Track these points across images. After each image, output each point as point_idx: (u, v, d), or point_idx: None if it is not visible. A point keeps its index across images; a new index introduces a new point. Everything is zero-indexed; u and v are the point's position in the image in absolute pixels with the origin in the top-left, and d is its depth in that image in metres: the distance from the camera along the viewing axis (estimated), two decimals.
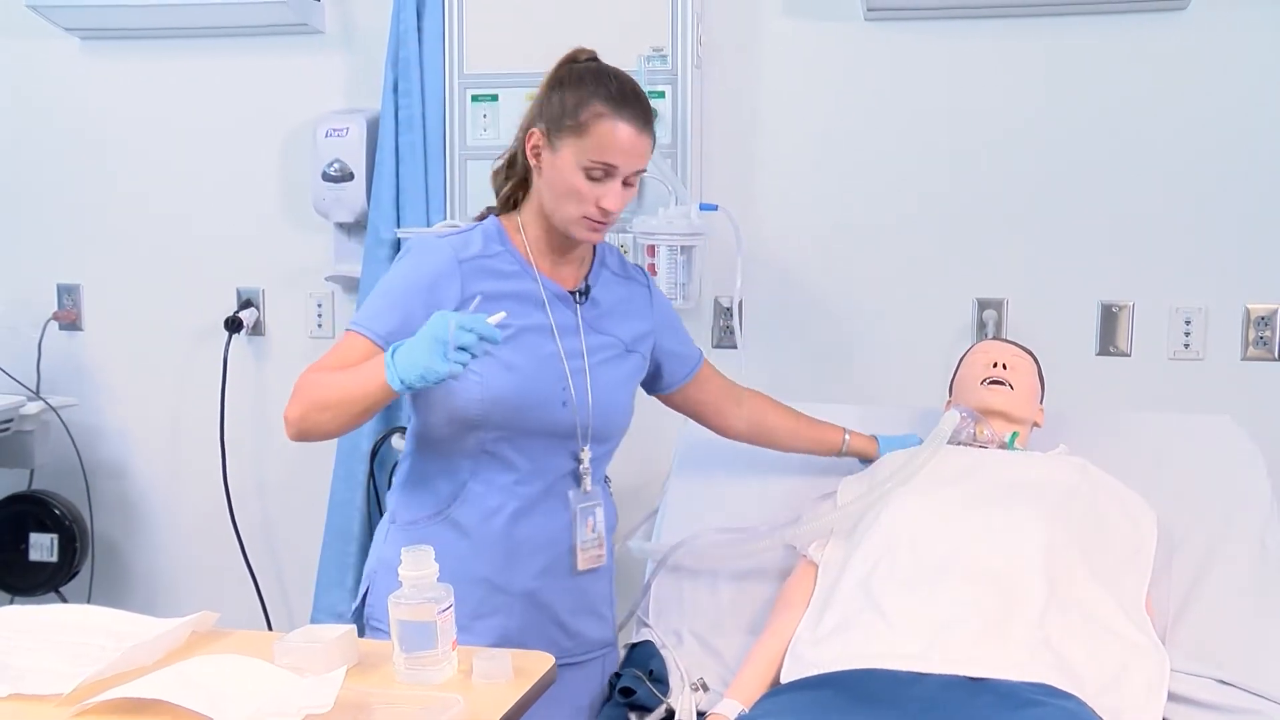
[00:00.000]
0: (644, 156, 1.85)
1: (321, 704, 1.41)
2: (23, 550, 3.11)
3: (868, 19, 2.63)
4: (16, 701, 1.50)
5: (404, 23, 2.73)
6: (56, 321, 3.13)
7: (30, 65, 3.10)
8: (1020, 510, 1.96)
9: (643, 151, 1.85)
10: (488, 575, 1.87)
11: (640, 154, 1.84)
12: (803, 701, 1.73)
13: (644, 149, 1.85)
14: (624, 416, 2.00)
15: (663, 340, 2.04)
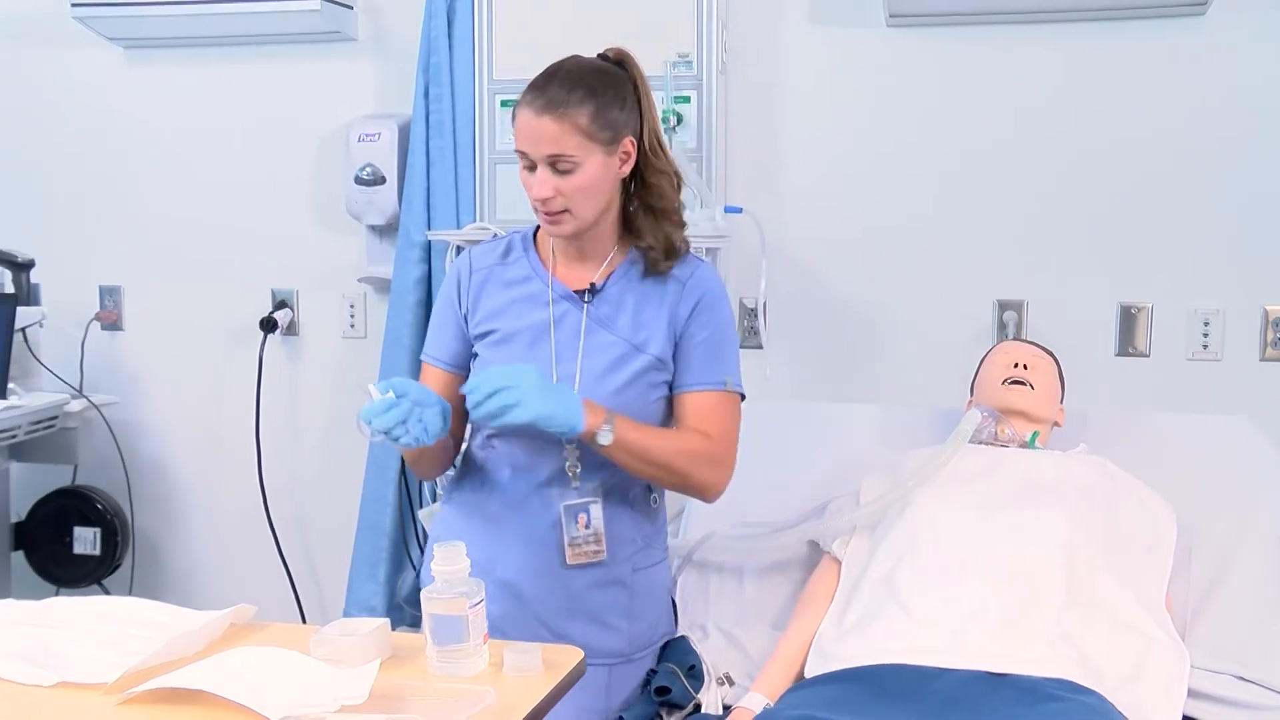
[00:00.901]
0: (549, 139, 1.77)
1: (357, 695, 1.42)
2: (67, 543, 3.13)
3: (889, 25, 2.62)
4: (64, 690, 1.52)
5: (435, 30, 2.73)
6: (99, 322, 3.15)
7: (76, 74, 3.13)
8: (1041, 508, 1.96)
9: (546, 135, 1.77)
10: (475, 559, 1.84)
11: (543, 137, 1.78)
12: (827, 695, 1.73)
13: (546, 132, 1.77)
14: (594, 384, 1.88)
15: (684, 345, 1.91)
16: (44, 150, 3.18)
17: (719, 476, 1.92)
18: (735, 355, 1.96)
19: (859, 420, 2.41)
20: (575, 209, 1.82)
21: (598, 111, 1.78)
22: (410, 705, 1.43)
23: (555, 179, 1.79)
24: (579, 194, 1.81)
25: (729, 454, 1.92)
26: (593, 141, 1.79)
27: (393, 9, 2.92)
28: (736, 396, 1.95)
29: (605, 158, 1.81)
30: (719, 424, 1.90)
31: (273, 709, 1.40)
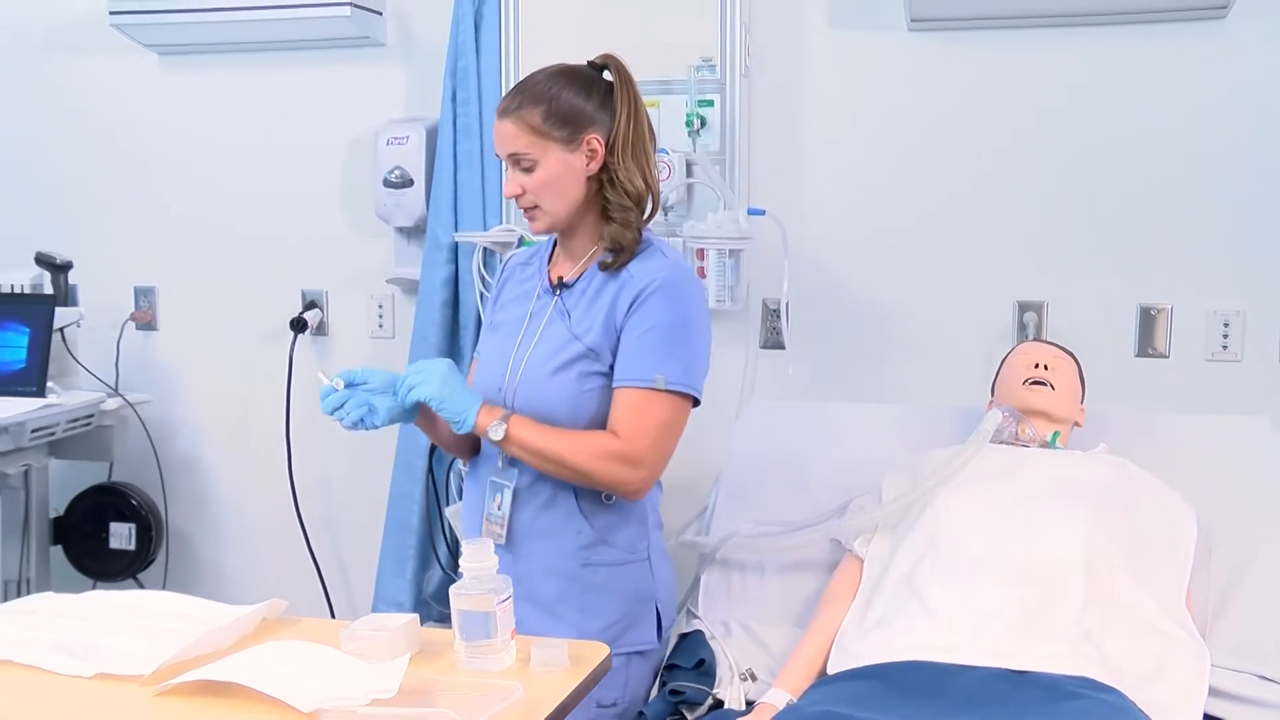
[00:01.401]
0: (508, 140, 1.88)
1: (387, 689, 1.43)
2: (103, 538, 3.15)
3: (911, 29, 2.62)
4: (103, 681, 1.54)
5: (462, 35, 2.74)
6: (134, 322, 3.17)
7: (113, 81, 3.15)
8: (1061, 507, 1.95)
9: (504, 135, 1.88)
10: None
11: (503, 138, 1.89)
12: (849, 692, 1.72)
13: (505, 133, 1.88)
14: (550, 402, 1.90)
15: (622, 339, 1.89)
16: (82, 154, 3.20)
17: (631, 475, 1.87)
18: (686, 354, 1.90)
19: (880, 420, 2.40)
20: (543, 204, 1.89)
21: (552, 110, 1.86)
22: (439, 699, 1.44)
23: (521, 177, 1.89)
24: (542, 189, 1.88)
25: (644, 453, 1.87)
26: (547, 139, 1.86)
27: (421, 15, 2.93)
28: (670, 396, 1.87)
29: (565, 154, 1.87)
30: (637, 423, 1.86)
31: (305, 702, 1.42)
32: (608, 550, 1.95)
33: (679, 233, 2.58)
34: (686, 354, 1.89)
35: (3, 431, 2.68)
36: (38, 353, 2.83)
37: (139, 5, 2.93)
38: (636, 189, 1.91)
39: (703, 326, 1.94)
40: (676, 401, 1.89)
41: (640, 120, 1.93)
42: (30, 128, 3.23)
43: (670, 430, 1.90)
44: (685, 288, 1.92)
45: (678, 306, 1.89)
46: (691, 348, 1.90)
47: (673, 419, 1.90)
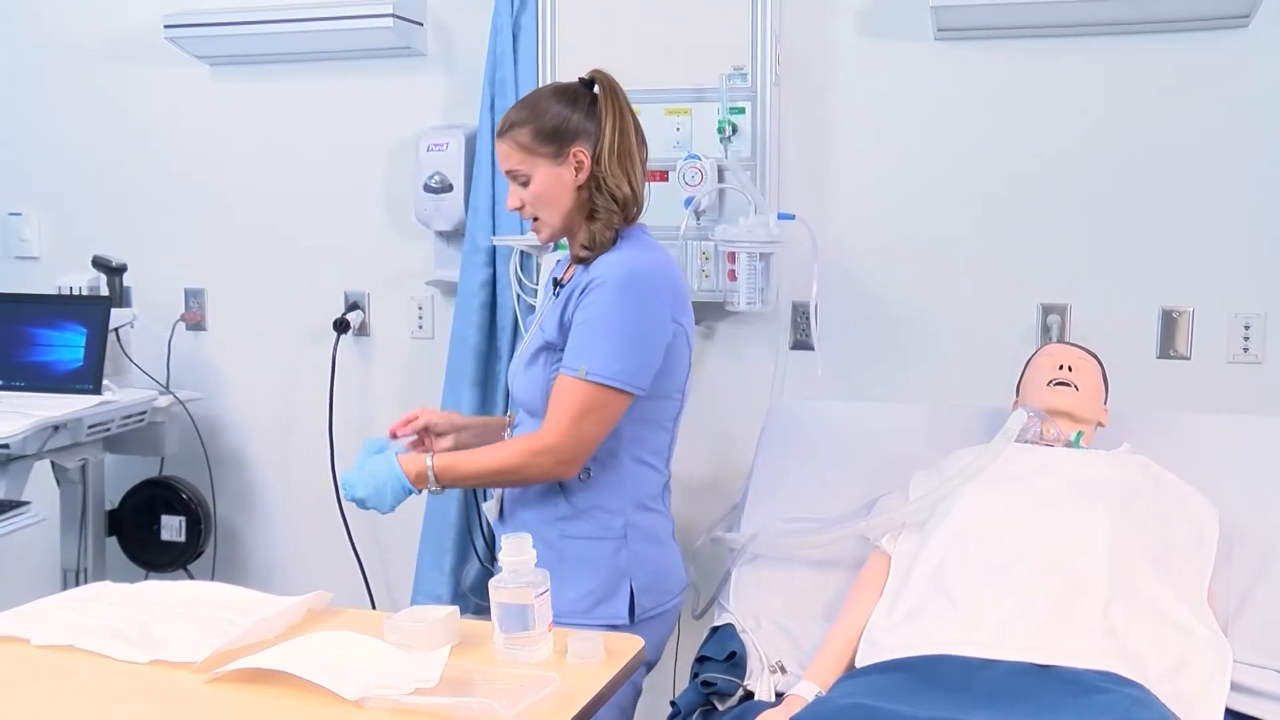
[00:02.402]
0: (503, 158, 2.01)
1: (428, 678, 1.43)
2: (155, 530, 3.17)
3: (937, 39, 2.60)
4: (158, 667, 1.55)
5: (500, 45, 2.74)
6: (184, 323, 3.19)
7: (166, 91, 3.17)
8: (1085, 506, 1.93)
9: (501, 155, 2.01)
10: None
11: (500, 157, 2.02)
12: (878, 684, 1.72)
13: (501, 152, 2.01)
14: (527, 392, 2.02)
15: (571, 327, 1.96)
16: (136, 162, 3.23)
17: (553, 464, 1.93)
18: (617, 344, 1.91)
19: (907, 420, 2.39)
20: (542, 215, 2.00)
21: (539, 128, 1.97)
22: (479, 689, 1.45)
23: (519, 191, 2.00)
24: (537, 201, 1.99)
25: (557, 441, 1.91)
26: (536, 155, 1.97)
27: (461, 26, 2.93)
28: (593, 386, 1.90)
29: (553, 168, 1.97)
30: (556, 410, 1.92)
31: (350, 690, 1.42)
32: (582, 525, 2.01)
33: (711, 236, 2.58)
34: (615, 346, 1.90)
35: (62, 428, 2.70)
36: (94, 352, 2.85)
37: (192, 19, 2.95)
38: (623, 193, 1.99)
39: (643, 322, 1.93)
40: (599, 391, 1.90)
41: (627, 130, 2.00)
42: (88, 137, 3.26)
43: (589, 418, 1.92)
44: (635, 282, 1.93)
45: (618, 300, 1.91)
46: (626, 342, 1.91)
47: (593, 408, 1.91)
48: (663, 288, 1.97)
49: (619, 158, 1.99)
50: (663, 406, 2.04)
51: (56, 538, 3.03)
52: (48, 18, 3.25)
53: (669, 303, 1.98)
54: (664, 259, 2.03)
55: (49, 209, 3.32)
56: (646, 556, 2.03)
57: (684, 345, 2.03)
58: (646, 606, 2.02)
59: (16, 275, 3.30)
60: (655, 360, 1.95)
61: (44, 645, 1.62)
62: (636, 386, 1.93)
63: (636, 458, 2.03)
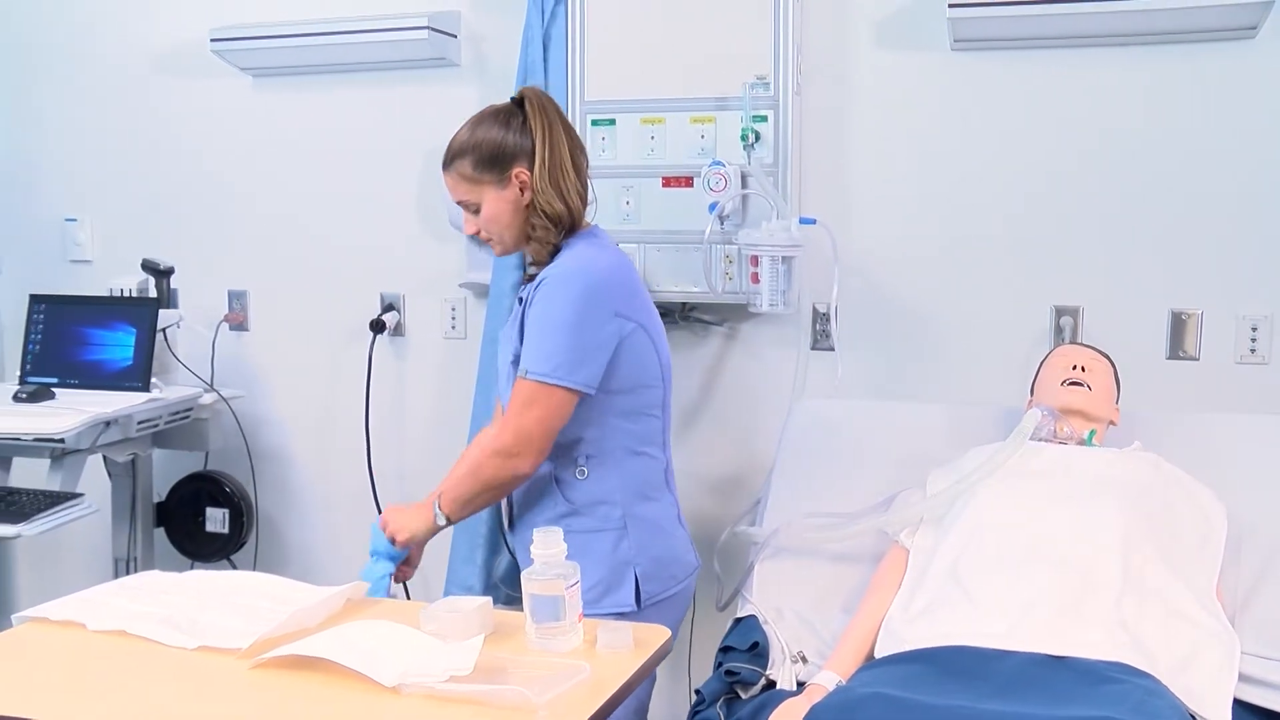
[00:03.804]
0: (451, 189, 2.03)
1: (463, 667, 1.43)
2: (200, 522, 3.19)
3: (954, 49, 2.59)
4: (204, 653, 1.56)
5: (531, 56, 2.74)
6: (227, 323, 3.21)
7: (211, 101, 3.19)
8: (1098, 502, 1.92)
9: (449, 186, 2.04)
10: None
11: (448, 187, 2.04)
12: (896, 674, 1.71)
13: (448, 183, 2.04)
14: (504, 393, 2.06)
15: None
16: (183, 169, 3.25)
17: (513, 465, 1.94)
18: (559, 343, 1.91)
19: (924, 418, 2.38)
20: (496, 237, 2.03)
21: (479, 157, 1.99)
22: (511, 677, 1.45)
23: (473, 218, 2.03)
24: (490, 225, 2.01)
25: (509, 440, 1.93)
26: (481, 183, 1.99)
27: (493, 37, 2.93)
28: (531, 383, 1.92)
29: (499, 192, 1.99)
30: (512, 412, 1.95)
31: (387, 677, 1.43)
32: (581, 520, 2.01)
33: (734, 240, 2.57)
34: (552, 344, 1.92)
35: (113, 423, 2.72)
36: (143, 351, 2.87)
37: (236, 33, 2.97)
38: (556, 211, 1.98)
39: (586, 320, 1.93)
40: (536, 388, 1.92)
41: (557, 145, 1.99)
42: (139, 146, 3.28)
43: (529, 413, 1.92)
44: (572, 282, 1.94)
45: (552, 301, 1.93)
46: (568, 340, 1.91)
47: (536, 403, 1.92)
48: (605, 285, 1.96)
49: (550, 175, 1.98)
50: (643, 396, 2.03)
51: (108, 528, 3.05)
52: (101, 34, 3.28)
53: (612, 300, 1.96)
54: (612, 258, 2.02)
55: (102, 214, 3.34)
56: (648, 544, 2.03)
57: (643, 339, 2.01)
58: (653, 592, 2.03)
59: (71, 278, 3.33)
60: (599, 356, 1.94)
61: (99, 630, 1.63)
62: (577, 383, 1.92)
63: (630, 449, 2.03)
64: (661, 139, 2.66)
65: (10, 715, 1.39)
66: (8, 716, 1.38)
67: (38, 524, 2.53)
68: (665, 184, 2.67)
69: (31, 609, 1.71)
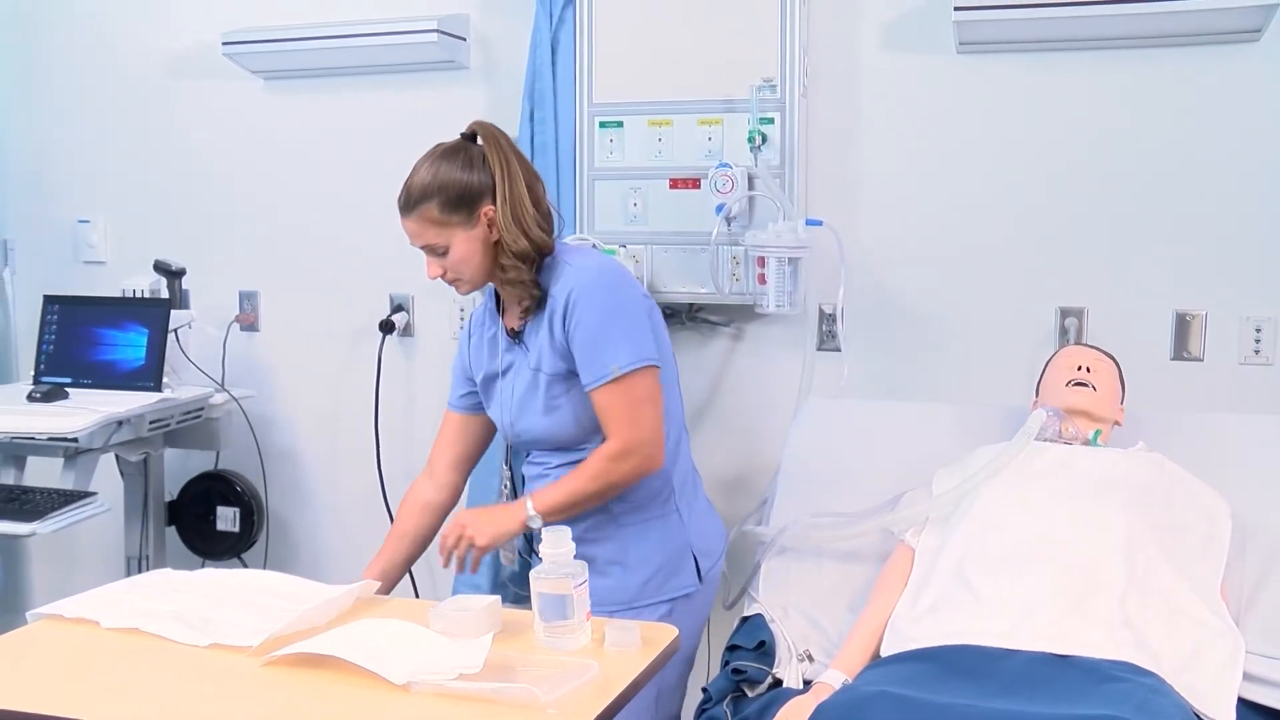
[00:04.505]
0: (416, 235, 1.97)
1: (472, 665, 1.44)
2: (211, 520, 3.20)
3: (959, 51, 2.59)
4: (216, 650, 1.57)
5: (539, 59, 2.75)
6: (238, 324, 3.21)
7: (222, 104, 3.19)
8: (1103, 502, 1.92)
9: (412, 232, 1.97)
10: None
11: (412, 234, 1.98)
12: (902, 673, 1.71)
13: (411, 230, 1.97)
14: (557, 428, 2.02)
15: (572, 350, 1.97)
16: (195, 171, 3.25)
17: (635, 464, 1.96)
18: (622, 332, 1.95)
19: (930, 418, 2.37)
20: (464, 277, 1.98)
21: (445, 200, 1.93)
22: (520, 675, 1.45)
23: (439, 260, 1.97)
24: (459, 265, 1.96)
25: (632, 437, 1.94)
26: (449, 227, 1.94)
27: (501, 40, 2.94)
28: (628, 378, 1.94)
29: (468, 232, 1.94)
30: (615, 415, 1.94)
31: (397, 674, 1.43)
32: (635, 512, 2.03)
33: (741, 241, 2.57)
34: (623, 335, 1.95)
35: (125, 423, 2.73)
36: (155, 351, 2.88)
37: (248, 36, 2.98)
38: (521, 248, 1.96)
39: (624, 304, 1.98)
40: (637, 377, 1.94)
41: (514, 179, 1.98)
42: (151, 148, 3.28)
43: (644, 403, 1.96)
44: (599, 282, 1.98)
45: (597, 301, 1.95)
46: (625, 327, 1.95)
47: (642, 393, 1.95)
48: (617, 272, 2.03)
49: (513, 213, 1.96)
50: (669, 369, 2.08)
51: (120, 527, 3.06)
52: (113, 38, 3.28)
53: (628, 280, 2.03)
54: (600, 255, 2.10)
55: (115, 216, 3.35)
56: (696, 517, 2.10)
57: (656, 314, 2.08)
58: (707, 567, 2.09)
59: (85, 278, 3.34)
60: (649, 329, 2.00)
61: (112, 628, 1.64)
62: (652, 356, 1.97)
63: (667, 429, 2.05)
64: (669, 141, 2.66)
65: (25, 711, 1.39)
66: (23, 712, 1.39)
67: (51, 522, 2.54)
68: (672, 185, 2.67)
69: (46, 606, 1.72)
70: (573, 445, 2.03)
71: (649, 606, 2.02)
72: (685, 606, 2.07)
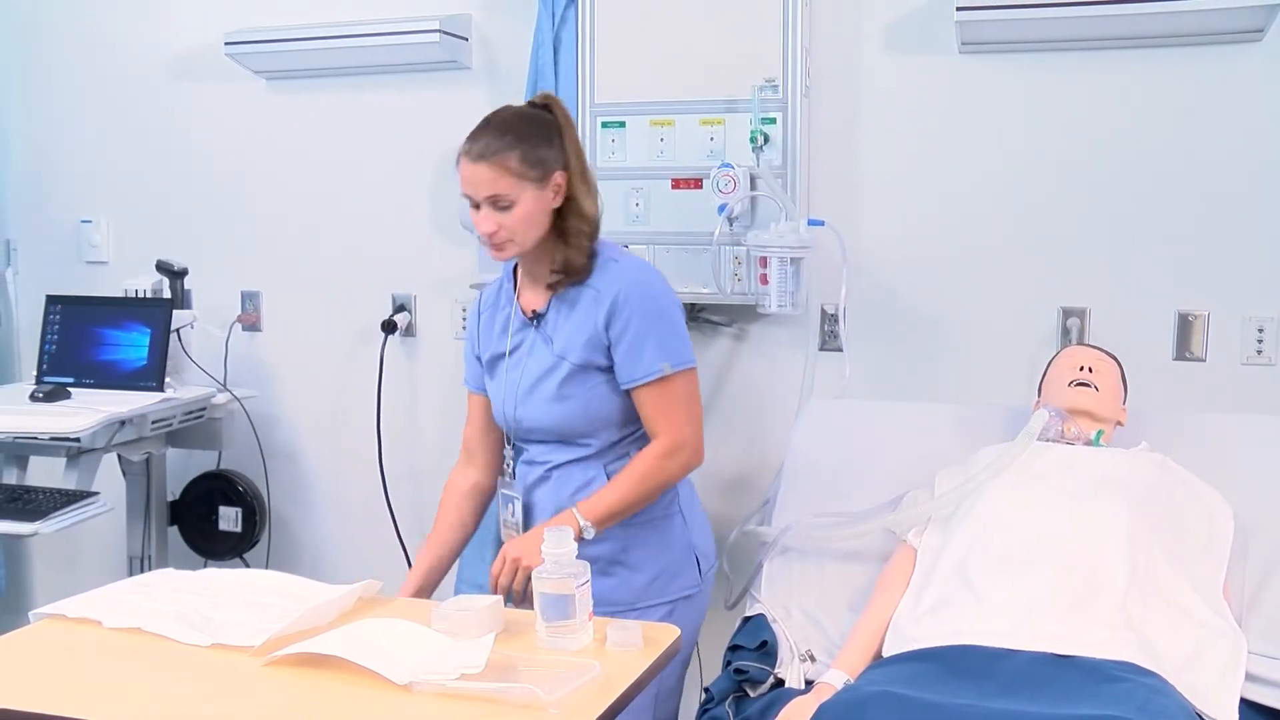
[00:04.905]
0: (486, 183, 1.90)
1: (474, 665, 1.44)
2: (213, 520, 3.20)
3: (961, 52, 2.58)
4: (218, 650, 1.57)
5: (542, 59, 2.75)
6: (240, 324, 3.21)
7: (224, 104, 3.19)
8: (1105, 502, 1.92)
9: (481, 178, 1.90)
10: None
11: (479, 180, 1.90)
12: (904, 673, 1.71)
13: (481, 176, 1.90)
14: (569, 421, 2.00)
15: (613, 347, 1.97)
16: (197, 172, 3.25)
17: (683, 461, 2.00)
18: (671, 332, 1.98)
19: (932, 418, 2.37)
20: (518, 238, 1.94)
21: (525, 154, 1.90)
22: (522, 675, 1.45)
23: (497, 215, 1.91)
24: (519, 224, 1.92)
25: (682, 434, 1.98)
26: (524, 180, 1.90)
27: (504, 40, 2.94)
28: (678, 375, 1.98)
29: (538, 192, 1.92)
30: (665, 412, 1.97)
31: (399, 674, 1.43)
32: (641, 513, 2.01)
33: (743, 241, 2.57)
34: (672, 336, 1.99)
35: (128, 423, 2.73)
36: (157, 351, 2.88)
37: (250, 36, 2.98)
38: (592, 214, 1.99)
39: (672, 306, 2.02)
40: (684, 376, 1.99)
41: (582, 153, 2.02)
42: (154, 149, 3.29)
43: (691, 402, 2.01)
44: (647, 281, 2.01)
45: (648, 300, 1.97)
46: (674, 328, 2.00)
47: (688, 392, 2.00)
48: (659, 274, 2.06)
49: (584, 179, 1.98)
50: None
51: (123, 526, 3.06)
52: (116, 38, 3.28)
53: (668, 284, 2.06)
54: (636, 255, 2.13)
55: (117, 216, 3.35)
56: (697, 521, 2.12)
57: None
58: (706, 567, 2.11)
59: (87, 278, 3.34)
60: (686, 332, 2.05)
61: (114, 627, 1.64)
62: (693, 360, 2.02)
63: None
64: (671, 141, 2.66)
65: (27, 710, 1.39)
66: (25, 712, 1.39)
67: (54, 522, 2.54)
68: (674, 186, 2.67)
69: (48, 606, 1.73)
70: (571, 438, 2.02)
71: (652, 607, 2.02)
72: (685, 607, 2.07)
